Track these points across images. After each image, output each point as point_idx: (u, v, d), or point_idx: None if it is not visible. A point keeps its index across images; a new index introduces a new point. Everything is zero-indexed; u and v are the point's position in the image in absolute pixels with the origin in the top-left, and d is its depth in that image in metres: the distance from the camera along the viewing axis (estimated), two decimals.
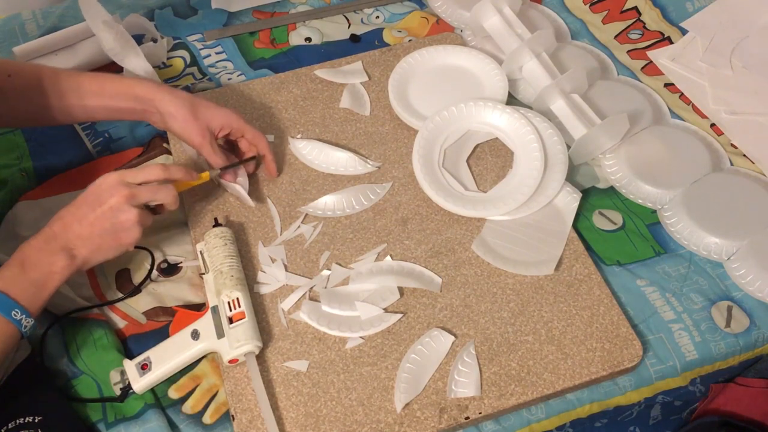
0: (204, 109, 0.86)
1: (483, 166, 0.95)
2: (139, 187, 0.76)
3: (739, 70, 1.08)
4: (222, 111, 0.87)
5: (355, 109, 1.02)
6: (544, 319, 0.83)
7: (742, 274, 0.88)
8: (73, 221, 0.73)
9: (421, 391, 0.77)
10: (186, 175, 0.81)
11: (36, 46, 1.03)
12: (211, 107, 0.86)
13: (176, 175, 0.79)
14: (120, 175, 0.75)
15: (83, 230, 0.73)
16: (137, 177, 0.76)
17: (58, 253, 0.72)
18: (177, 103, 0.84)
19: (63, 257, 0.72)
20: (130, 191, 0.74)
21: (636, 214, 0.94)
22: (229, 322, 0.77)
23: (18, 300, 0.69)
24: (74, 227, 0.73)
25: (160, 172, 0.78)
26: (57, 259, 0.72)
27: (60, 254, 0.72)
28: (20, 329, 0.69)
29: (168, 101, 0.84)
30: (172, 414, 0.78)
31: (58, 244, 0.72)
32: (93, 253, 0.74)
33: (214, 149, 0.87)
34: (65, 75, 0.84)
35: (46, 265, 0.71)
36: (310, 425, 0.75)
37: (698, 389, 0.87)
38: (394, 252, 0.88)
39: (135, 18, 1.10)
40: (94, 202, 0.74)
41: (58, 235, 0.73)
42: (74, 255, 0.73)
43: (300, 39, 1.13)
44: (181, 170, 0.80)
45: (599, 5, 1.18)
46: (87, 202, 0.74)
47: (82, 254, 0.73)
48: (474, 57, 1.04)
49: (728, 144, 1.01)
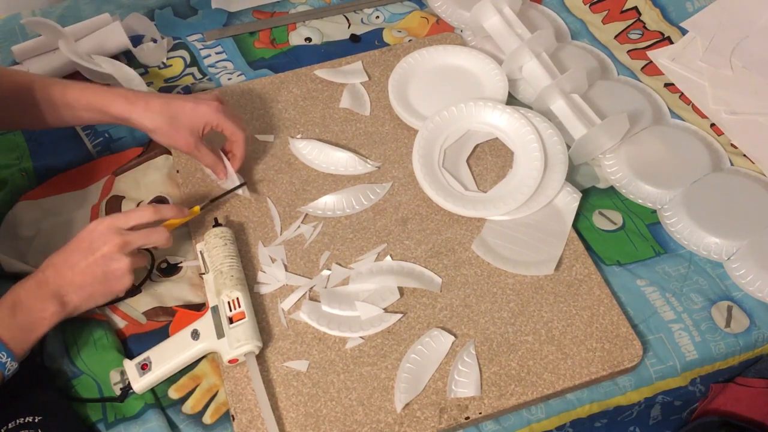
0: (182, 115, 0.84)
1: (483, 166, 0.95)
2: (132, 234, 0.75)
3: (739, 70, 1.08)
4: (200, 109, 0.85)
5: (355, 109, 1.02)
6: (544, 319, 0.83)
7: (742, 274, 0.88)
8: (65, 268, 0.73)
9: (421, 391, 0.77)
10: (178, 213, 0.81)
11: (36, 46, 1.03)
12: (188, 110, 0.84)
13: (167, 215, 0.80)
14: (112, 221, 0.75)
15: (75, 278, 0.73)
16: (129, 221, 0.76)
17: (49, 300, 0.72)
18: (153, 118, 0.83)
19: (54, 304, 0.72)
20: (122, 239, 0.74)
21: (636, 214, 0.94)
22: (229, 322, 0.77)
23: (6, 343, 0.69)
24: (66, 274, 0.73)
25: (151, 214, 0.78)
26: (48, 305, 0.72)
27: (51, 300, 0.72)
28: (3, 372, 0.69)
29: (144, 117, 0.83)
30: (172, 414, 0.78)
31: (50, 290, 0.72)
32: (84, 301, 0.74)
33: (202, 152, 0.87)
34: (39, 85, 0.83)
35: (37, 311, 0.71)
36: (310, 425, 0.75)
37: (698, 389, 0.87)
38: (394, 252, 0.88)
39: (135, 18, 1.10)
40: (86, 249, 0.74)
41: (50, 280, 0.73)
42: (65, 302, 0.73)
43: (300, 39, 1.13)
44: (172, 209, 0.81)
45: (599, 5, 1.18)
46: (79, 248, 0.74)
47: (74, 301, 0.74)
48: (474, 57, 1.04)
49: (728, 144, 1.01)
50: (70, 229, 0.90)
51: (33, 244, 0.88)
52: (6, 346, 0.69)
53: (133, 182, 0.95)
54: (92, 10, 1.14)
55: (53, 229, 0.90)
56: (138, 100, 0.83)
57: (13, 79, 0.83)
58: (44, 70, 1.02)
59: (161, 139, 0.85)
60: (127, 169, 0.96)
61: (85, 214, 0.92)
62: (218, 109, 0.85)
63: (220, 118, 0.85)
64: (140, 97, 0.84)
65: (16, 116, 0.86)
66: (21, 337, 0.70)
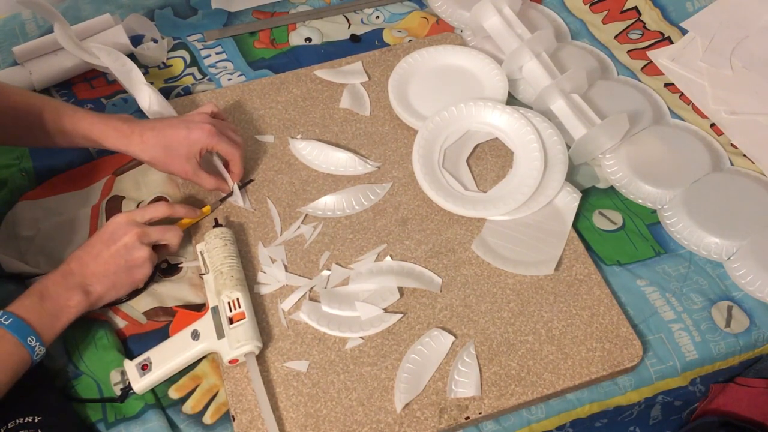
0: (177, 144, 0.85)
1: (483, 166, 0.95)
2: (150, 227, 0.80)
3: (739, 70, 1.08)
4: (194, 136, 0.85)
5: (355, 110, 1.02)
6: (544, 319, 0.83)
7: (742, 274, 0.88)
8: (89, 259, 0.77)
9: (421, 391, 0.77)
10: (189, 212, 0.86)
11: (36, 46, 1.03)
12: (182, 138, 0.85)
13: (180, 213, 0.84)
14: (129, 215, 0.80)
15: (98, 268, 0.77)
16: (144, 215, 0.81)
17: (74, 289, 0.75)
18: (148, 150, 0.85)
19: (79, 293, 0.75)
20: (141, 230, 0.79)
21: (636, 214, 0.94)
22: (230, 322, 0.77)
23: (35, 327, 0.71)
24: (90, 265, 0.77)
25: (165, 209, 0.82)
26: (73, 294, 0.75)
27: (76, 290, 0.75)
28: (32, 356, 0.71)
29: (140, 152, 0.85)
30: (173, 414, 0.78)
31: (75, 281, 0.76)
32: (107, 290, 0.78)
33: (201, 176, 0.88)
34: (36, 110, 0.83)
35: (63, 299, 0.74)
36: (310, 425, 0.75)
37: (698, 389, 0.87)
38: (394, 252, 0.88)
39: (135, 18, 1.10)
40: (108, 240, 0.78)
41: (75, 271, 0.76)
42: (89, 292, 0.76)
43: (300, 39, 1.13)
44: (184, 208, 0.85)
45: (599, 5, 1.18)
46: (101, 240, 0.78)
47: (98, 291, 0.77)
48: (474, 57, 1.04)
49: (728, 144, 1.01)
50: (71, 229, 0.90)
51: (33, 244, 0.88)
52: (35, 329, 0.71)
53: (133, 182, 0.95)
54: (92, 10, 1.14)
55: (53, 229, 0.90)
56: (132, 133, 0.84)
57: (11, 100, 0.84)
58: (45, 72, 1.02)
59: (159, 168, 0.88)
60: (127, 169, 0.96)
61: (85, 215, 0.92)
62: (211, 133, 0.86)
63: (214, 140, 0.86)
64: (135, 130, 0.85)
65: (10, 137, 0.87)
66: (49, 324, 0.73)
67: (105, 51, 1.01)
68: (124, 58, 1.00)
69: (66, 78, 1.05)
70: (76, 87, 1.05)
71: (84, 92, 1.04)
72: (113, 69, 0.99)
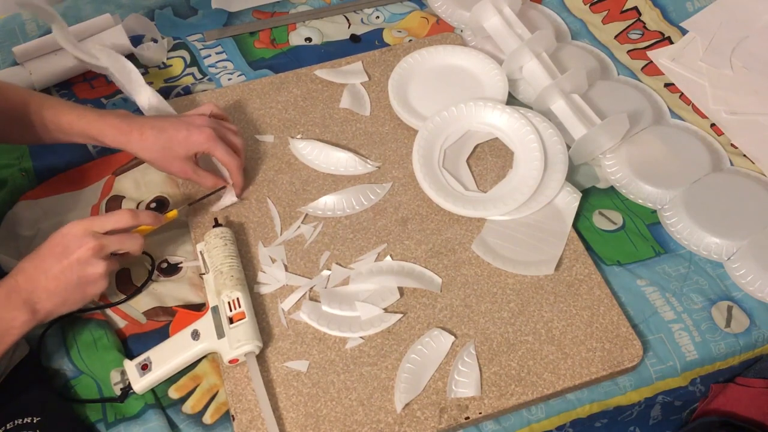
0: (176, 144, 0.84)
1: (483, 166, 0.95)
2: (107, 238, 0.73)
3: (739, 70, 1.08)
4: (193, 138, 0.84)
5: (355, 110, 1.02)
6: (544, 319, 0.83)
7: (742, 274, 0.88)
8: (38, 274, 0.70)
9: (421, 391, 0.77)
10: (155, 220, 0.79)
11: (36, 46, 1.03)
12: (181, 139, 0.84)
13: (145, 221, 0.78)
14: (88, 224, 0.73)
15: (48, 284, 0.70)
16: (105, 225, 0.74)
17: (19, 308, 0.69)
18: (148, 148, 0.83)
19: (24, 312, 0.70)
20: (98, 242, 0.72)
21: (636, 214, 0.94)
22: (230, 322, 0.77)
23: None
24: (39, 280, 0.70)
25: (129, 219, 0.76)
26: (18, 314, 0.69)
27: (22, 309, 0.69)
28: None
29: (138, 150, 0.83)
30: (173, 414, 0.78)
31: (21, 298, 0.70)
32: (57, 307, 0.72)
33: (199, 175, 0.87)
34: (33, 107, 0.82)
35: (7, 320, 0.69)
36: (310, 425, 0.75)
37: (698, 389, 0.87)
38: (394, 252, 0.88)
39: (135, 18, 1.10)
40: (60, 253, 0.71)
41: (21, 287, 0.70)
42: (37, 309, 0.70)
43: (300, 39, 1.13)
44: (149, 216, 0.79)
45: (599, 5, 1.18)
46: (53, 253, 0.71)
47: (46, 308, 0.71)
48: (474, 57, 1.04)
49: (728, 144, 1.01)
50: None
51: (33, 244, 0.88)
52: None
53: (133, 182, 0.95)
54: (92, 10, 1.14)
55: (53, 229, 0.88)
56: (132, 130, 0.83)
57: (7, 97, 0.83)
58: (45, 72, 1.02)
59: (158, 167, 0.87)
60: (127, 169, 0.96)
61: (85, 215, 0.92)
62: (210, 137, 0.84)
63: (212, 145, 0.85)
64: (134, 127, 0.83)
65: (7, 134, 0.85)
66: None
67: (105, 52, 1.01)
68: (124, 60, 1.00)
69: (66, 78, 1.05)
70: (76, 87, 1.05)
71: (84, 92, 1.04)
72: (113, 70, 1.00)
